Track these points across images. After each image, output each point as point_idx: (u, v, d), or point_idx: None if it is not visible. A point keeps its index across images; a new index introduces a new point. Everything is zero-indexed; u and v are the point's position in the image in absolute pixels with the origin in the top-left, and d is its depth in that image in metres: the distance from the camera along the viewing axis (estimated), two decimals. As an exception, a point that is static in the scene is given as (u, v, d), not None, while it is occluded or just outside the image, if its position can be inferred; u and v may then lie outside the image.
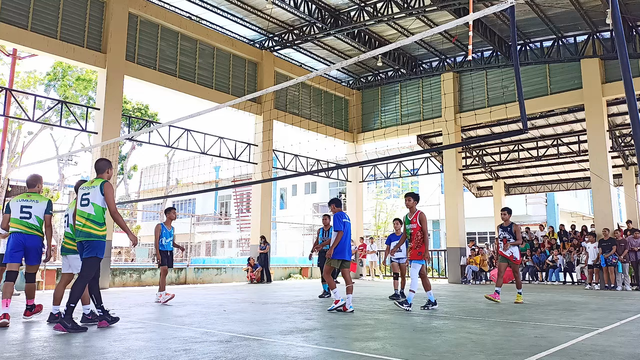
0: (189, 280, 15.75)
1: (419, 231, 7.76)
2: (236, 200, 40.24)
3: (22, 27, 12.15)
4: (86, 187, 5.83)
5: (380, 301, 9.55)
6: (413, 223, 7.85)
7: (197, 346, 4.52)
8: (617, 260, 13.63)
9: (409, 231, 7.94)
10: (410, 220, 7.93)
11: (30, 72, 24.72)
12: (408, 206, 7.99)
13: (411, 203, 7.94)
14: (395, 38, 16.91)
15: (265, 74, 17.74)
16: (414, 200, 7.95)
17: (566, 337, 5.11)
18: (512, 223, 9.41)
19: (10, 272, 6.13)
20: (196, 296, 10.63)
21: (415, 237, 7.79)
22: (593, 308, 8.28)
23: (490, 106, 17.44)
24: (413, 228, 7.84)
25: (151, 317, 6.71)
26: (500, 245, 9.42)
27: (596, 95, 15.77)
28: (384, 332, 5.49)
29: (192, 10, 15.58)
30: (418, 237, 7.76)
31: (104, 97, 13.43)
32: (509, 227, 9.38)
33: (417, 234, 7.76)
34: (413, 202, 7.94)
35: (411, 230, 7.88)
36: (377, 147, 29.24)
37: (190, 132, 15.74)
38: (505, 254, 9.30)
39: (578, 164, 20.94)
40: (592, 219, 21.38)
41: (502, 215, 9.51)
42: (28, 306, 6.45)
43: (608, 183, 15.16)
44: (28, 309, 6.44)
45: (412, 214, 7.95)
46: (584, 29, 15.57)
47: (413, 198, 7.98)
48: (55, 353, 4.18)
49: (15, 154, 24.26)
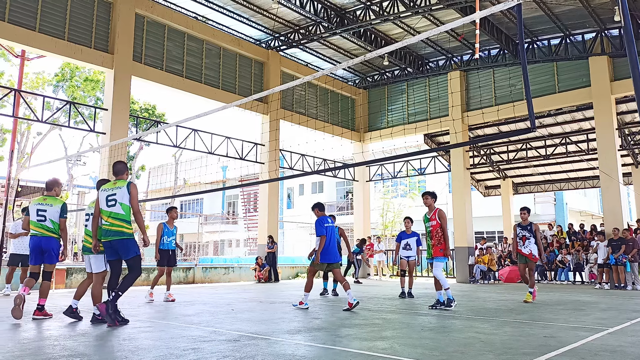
0: (197, 280, 15.81)
1: (439, 228, 7.80)
2: (243, 200, 40.33)
3: (30, 28, 12.25)
4: (110, 189, 5.96)
5: (387, 300, 9.53)
6: (432, 220, 7.91)
7: (205, 345, 4.53)
8: (626, 260, 13.52)
9: (428, 229, 7.98)
10: (429, 218, 7.98)
11: (38, 73, 24.94)
12: (426, 204, 8.05)
13: (429, 201, 8.00)
14: (401, 37, 16.87)
15: (271, 73, 17.76)
16: (432, 198, 8.01)
17: (576, 337, 5.08)
18: (532, 222, 9.48)
19: (33, 272, 6.50)
20: (204, 295, 10.67)
21: (435, 235, 7.83)
22: (603, 308, 8.21)
23: (497, 105, 17.35)
24: (432, 225, 7.89)
25: (160, 316, 6.75)
26: (519, 243, 9.40)
27: (605, 93, 15.64)
28: (392, 332, 5.49)
29: (199, 10, 15.63)
30: (438, 234, 7.80)
31: (111, 98, 13.51)
32: (528, 225, 9.42)
33: (437, 231, 7.81)
34: (431, 200, 8.00)
35: (430, 227, 7.93)
36: (384, 146, 29.18)
37: (197, 132, 15.79)
38: (524, 251, 9.30)
39: (587, 163, 20.78)
40: (601, 218, 21.24)
41: (522, 215, 9.61)
42: (39, 306, 6.50)
43: (617, 182, 15.04)
44: (38, 309, 6.48)
45: (430, 211, 8.00)
46: (592, 27, 15.45)
47: (431, 196, 8.03)
48: (65, 352, 4.21)
49: (25, 155, 24.46)
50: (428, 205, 8.03)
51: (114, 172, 6.19)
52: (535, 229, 9.33)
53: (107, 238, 5.83)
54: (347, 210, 33.88)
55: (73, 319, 6.21)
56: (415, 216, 27.53)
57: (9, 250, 11.09)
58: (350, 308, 7.49)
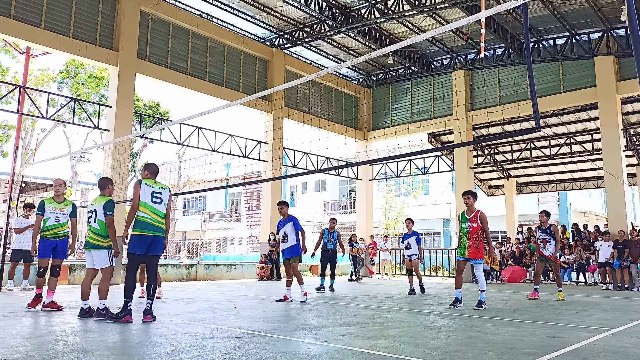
0: (200, 277, 15.84)
1: (479, 230, 7.68)
2: (246, 198, 40.37)
3: (36, 25, 12.28)
4: (157, 187, 6.15)
5: (390, 299, 9.53)
6: (473, 222, 7.75)
7: (207, 342, 4.54)
8: (631, 262, 13.48)
9: (466, 229, 7.81)
10: (468, 218, 7.82)
11: (43, 70, 24.99)
12: (467, 204, 7.85)
13: (470, 201, 7.82)
14: (406, 35, 16.83)
15: (275, 71, 17.76)
16: (473, 198, 7.85)
17: (578, 338, 5.06)
18: (551, 224, 9.89)
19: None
20: (206, 292, 10.69)
21: (474, 236, 7.69)
22: (606, 308, 8.19)
23: (502, 104, 17.29)
24: (472, 227, 7.73)
25: (162, 313, 6.76)
26: (540, 245, 9.97)
27: (610, 93, 15.57)
28: (394, 331, 5.48)
29: (203, 8, 15.63)
30: (478, 237, 7.68)
31: (115, 95, 13.54)
32: (547, 229, 9.88)
33: (478, 234, 7.68)
34: (472, 200, 7.84)
35: (470, 228, 7.76)
36: (388, 145, 29.10)
37: (201, 130, 15.81)
38: (546, 253, 9.81)
39: (591, 163, 20.69)
40: (605, 219, 21.14)
41: (541, 218, 10.06)
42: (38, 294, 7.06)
43: (622, 182, 14.97)
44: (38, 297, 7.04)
45: (470, 212, 7.84)
46: (598, 26, 15.37)
47: (472, 196, 7.86)
48: (68, 347, 4.22)
49: (29, 151, 24.55)
50: (469, 205, 7.83)
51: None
52: (554, 231, 9.78)
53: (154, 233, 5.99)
54: (350, 209, 33.87)
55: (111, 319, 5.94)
56: (418, 215, 27.46)
57: (12, 246, 11.13)
58: (284, 300, 8.49)
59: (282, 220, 8.70)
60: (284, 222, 8.66)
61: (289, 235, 8.51)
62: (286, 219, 8.66)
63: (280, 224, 8.72)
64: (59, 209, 7.05)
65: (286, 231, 8.56)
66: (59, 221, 7.01)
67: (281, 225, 8.67)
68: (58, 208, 7.05)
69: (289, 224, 8.59)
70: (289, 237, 8.50)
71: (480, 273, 7.81)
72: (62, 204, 7.11)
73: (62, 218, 7.06)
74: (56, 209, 7.03)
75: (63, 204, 7.12)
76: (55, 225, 6.99)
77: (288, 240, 8.50)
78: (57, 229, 7.00)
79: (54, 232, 6.97)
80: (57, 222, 7.00)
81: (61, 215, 7.05)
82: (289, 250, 8.57)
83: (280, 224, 8.72)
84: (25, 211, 10.68)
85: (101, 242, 6.26)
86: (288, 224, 8.59)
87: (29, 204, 11.01)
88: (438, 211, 29.70)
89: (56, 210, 7.03)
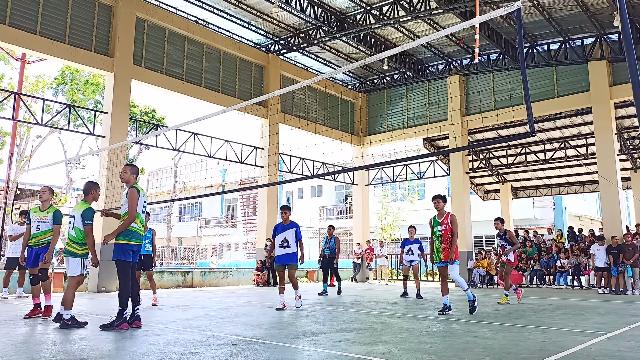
0: (196, 284, 15.78)
1: (450, 232, 7.73)
2: (242, 204, 40.31)
3: (31, 31, 12.27)
4: (144, 195, 6.22)
5: (387, 305, 9.52)
6: (444, 225, 7.80)
7: (203, 349, 4.52)
8: (627, 265, 13.54)
9: (438, 233, 7.87)
10: (440, 222, 7.87)
11: (38, 76, 24.90)
12: (437, 208, 7.92)
13: (440, 205, 7.89)
14: (401, 41, 16.91)
15: (271, 77, 17.79)
16: (443, 202, 7.92)
17: (574, 342, 5.07)
18: (506, 230, 10.22)
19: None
20: (203, 299, 10.65)
21: (446, 239, 7.75)
22: (602, 312, 8.21)
23: (497, 109, 17.38)
24: (444, 229, 7.79)
25: (157, 320, 6.73)
26: (499, 252, 10.40)
27: (604, 97, 15.67)
28: (391, 336, 5.47)
29: (199, 14, 15.66)
30: (449, 239, 7.73)
31: (111, 101, 13.52)
32: (503, 234, 10.20)
33: (449, 235, 7.73)
34: (442, 204, 7.91)
35: (441, 232, 7.82)
36: (384, 150, 29.14)
37: (197, 136, 15.80)
38: (504, 259, 10.16)
39: (586, 167, 20.80)
40: (600, 222, 21.23)
41: (496, 225, 10.32)
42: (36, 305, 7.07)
43: (616, 186, 15.05)
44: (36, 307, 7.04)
45: (441, 215, 7.90)
46: (591, 32, 15.49)
47: (442, 200, 7.94)
48: (62, 356, 4.20)
49: (24, 158, 24.44)
50: (439, 209, 7.90)
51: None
52: (510, 237, 10.10)
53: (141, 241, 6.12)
54: (347, 214, 33.87)
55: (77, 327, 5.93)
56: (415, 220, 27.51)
57: (6, 253, 11.06)
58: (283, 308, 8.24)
59: (282, 225, 8.45)
60: (285, 227, 8.41)
61: (290, 241, 8.31)
62: (287, 225, 8.42)
63: (279, 228, 8.46)
64: (40, 217, 7.03)
65: (287, 237, 8.33)
66: (39, 229, 6.99)
67: (280, 230, 8.41)
68: (39, 216, 7.03)
69: (290, 230, 8.35)
70: (291, 244, 8.30)
71: (455, 274, 7.76)
72: (44, 212, 7.06)
73: (42, 226, 7.01)
74: (38, 218, 7.02)
75: (45, 212, 7.06)
76: (37, 233, 6.98)
77: (290, 246, 8.29)
78: (38, 237, 6.99)
79: (35, 241, 6.99)
80: (38, 231, 6.99)
81: (42, 223, 7.01)
82: (288, 256, 8.31)
83: (279, 228, 8.46)
84: (20, 218, 10.65)
85: (76, 250, 6.17)
86: (290, 230, 8.35)
87: (25, 211, 10.98)
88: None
89: (37, 219, 7.02)
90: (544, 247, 17.23)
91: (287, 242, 8.30)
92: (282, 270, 8.47)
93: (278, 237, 8.39)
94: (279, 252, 8.37)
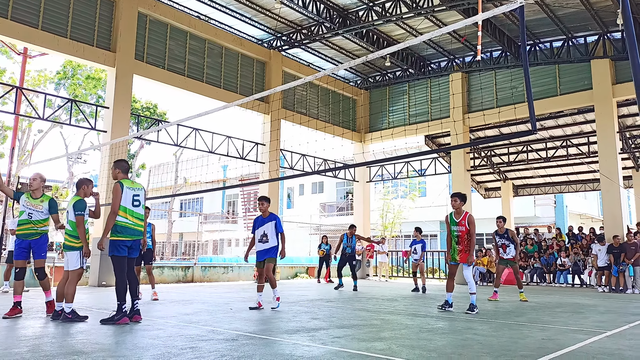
0: (196, 279, 15.81)
1: (467, 234, 7.52)
2: (243, 199, 40.32)
3: (33, 26, 12.26)
4: (135, 188, 6.09)
5: (386, 301, 9.53)
6: (461, 225, 7.55)
7: (203, 344, 4.53)
8: (628, 265, 13.54)
9: (455, 233, 7.62)
10: (457, 222, 7.60)
11: (40, 71, 24.94)
12: (455, 207, 7.64)
13: (458, 204, 7.60)
14: (403, 38, 16.87)
15: (273, 73, 17.77)
16: (460, 200, 7.60)
17: (574, 340, 5.08)
18: (507, 229, 10.36)
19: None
20: (203, 294, 10.68)
21: (464, 240, 7.54)
22: (602, 311, 8.21)
23: (499, 107, 17.35)
24: (461, 231, 7.55)
25: (157, 315, 6.75)
26: (500, 250, 10.43)
27: (606, 96, 15.64)
28: (390, 333, 5.49)
29: (201, 9, 15.64)
30: (467, 240, 7.54)
31: (113, 96, 13.51)
32: (505, 233, 10.32)
33: (467, 237, 7.53)
34: (460, 202, 7.61)
35: (459, 232, 7.58)
36: (385, 147, 29.13)
37: (198, 131, 15.80)
38: (506, 257, 10.32)
39: (587, 166, 20.77)
40: (601, 221, 21.22)
41: (498, 223, 10.46)
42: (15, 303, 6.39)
43: (618, 185, 15.03)
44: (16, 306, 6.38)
45: (459, 215, 7.62)
46: (594, 30, 15.44)
47: (460, 198, 7.62)
48: (63, 350, 4.21)
49: (26, 152, 24.47)
50: (456, 207, 7.62)
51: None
52: (512, 236, 10.24)
53: (137, 237, 6.02)
54: (347, 211, 33.88)
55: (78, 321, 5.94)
56: (416, 218, 27.46)
57: (8, 247, 11.08)
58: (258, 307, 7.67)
59: (262, 218, 7.75)
60: (264, 220, 7.71)
61: (269, 235, 7.63)
62: (266, 217, 7.72)
63: (258, 221, 7.76)
64: (33, 205, 6.43)
65: (266, 231, 7.64)
66: (31, 218, 6.40)
67: (260, 224, 7.71)
68: (32, 204, 6.43)
69: (269, 224, 7.67)
70: (269, 238, 7.63)
71: (468, 273, 7.69)
72: (37, 200, 6.48)
73: (35, 215, 6.42)
74: (30, 205, 6.42)
75: (39, 200, 6.48)
76: (27, 221, 6.40)
77: (269, 240, 7.62)
78: (28, 225, 6.40)
79: (25, 230, 6.40)
80: (30, 219, 6.40)
81: (35, 212, 6.42)
82: (267, 251, 7.65)
83: (258, 221, 7.76)
84: None
85: (73, 243, 6.16)
86: (269, 224, 7.67)
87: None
88: (435, 213, 29.72)
89: (29, 206, 6.42)
90: (545, 245, 17.22)
91: (265, 237, 7.63)
92: (261, 267, 7.77)
93: (257, 231, 7.71)
94: (258, 248, 7.72)
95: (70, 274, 6.17)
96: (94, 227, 12.77)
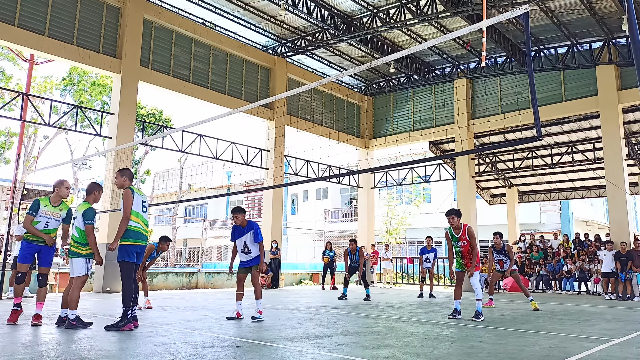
0: (200, 285, 15.79)
1: (470, 248, 7.56)
2: (248, 206, 40.34)
3: (40, 33, 12.36)
4: (142, 195, 6.19)
5: (391, 308, 9.48)
6: (462, 240, 7.59)
7: (207, 351, 4.51)
8: (636, 272, 13.43)
9: (458, 249, 7.68)
10: (458, 237, 7.64)
11: (46, 77, 25.11)
12: (452, 225, 7.64)
13: (455, 221, 7.60)
14: (407, 44, 16.90)
15: (277, 79, 17.82)
16: (457, 217, 7.60)
17: (580, 348, 5.02)
18: (505, 244, 10.28)
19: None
20: (207, 301, 10.66)
21: (467, 255, 7.60)
22: (608, 318, 8.13)
23: (503, 113, 17.31)
24: (463, 245, 7.59)
25: (162, 322, 6.73)
26: (497, 266, 10.43)
27: (612, 102, 15.58)
28: (395, 340, 5.45)
29: (207, 16, 15.72)
30: (470, 254, 7.58)
31: (118, 102, 13.58)
32: (502, 249, 10.25)
33: (469, 251, 7.58)
34: (457, 219, 7.61)
35: (461, 247, 7.63)
36: (389, 153, 29.07)
37: (202, 137, 15.84)
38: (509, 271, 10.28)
39: (593, 172, 20.67)
40: (607, 228, 21.08)
41: (495, 239, 10.30)
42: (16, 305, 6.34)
43: (624, 191, 14.94)
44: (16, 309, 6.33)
45: (458, 230, 7.63)
46: (599, 36, 15.42)
47: (456, 216, 7.60)
48: (67, 356, 4.21)
49: (31, 158, 24.60)
50: (454, 225, 7.63)
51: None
52: (508, 251, 10.18)
53: (144, 242, 6.09)
54: (352, 217, 33.81)
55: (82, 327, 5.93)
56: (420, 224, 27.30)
57: (13, 253, 11.11)
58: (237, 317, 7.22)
59: (240, 228, 7.30)
60: (242, 231, 7.27)
61: (250, 246, 7.25)
62: (245, 227, 7.27)
63: (237, 232, 7.32)
64: (51, 213, 6.30)
65: (246, 241, 7.23)
66: (47, 226, 6.29)
67: (239, 234, 7.29)
68: (51, 212, 6.30)
69: (248, 234, 7.23)
70: (251, 249, 7.25)
71: (475, 280, 7.69)
72: (57, 207, 6.36)
73: (52, 224, 6.33)
74: (49, 213, 6.29)
75: (58, 207, 6.37)
76: (42, 231, 6.27)
77: (251, 251, 7.24)
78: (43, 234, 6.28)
79: (38, 237, 6.28)
80: (45, 228, 6.28)
81: (52, 220, 6.32)
82: (252, 261, 7.30)
83: (237, 232, 7.32)
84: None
85: (80, 250, 6.14)
86: (248, 234, 7.23)
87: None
88: (440, 220, 29.56)
89: (48, 215, 6.28)
90: (551, 252, 17.12)
91: (247, 248, 7.26)
92: (243, 274, 7.34)
93: (238, 241, 7.34)
94: (242, 258, 7.34)
95: (75, 281, 6.17)
96: (99, 233, 12.80)
